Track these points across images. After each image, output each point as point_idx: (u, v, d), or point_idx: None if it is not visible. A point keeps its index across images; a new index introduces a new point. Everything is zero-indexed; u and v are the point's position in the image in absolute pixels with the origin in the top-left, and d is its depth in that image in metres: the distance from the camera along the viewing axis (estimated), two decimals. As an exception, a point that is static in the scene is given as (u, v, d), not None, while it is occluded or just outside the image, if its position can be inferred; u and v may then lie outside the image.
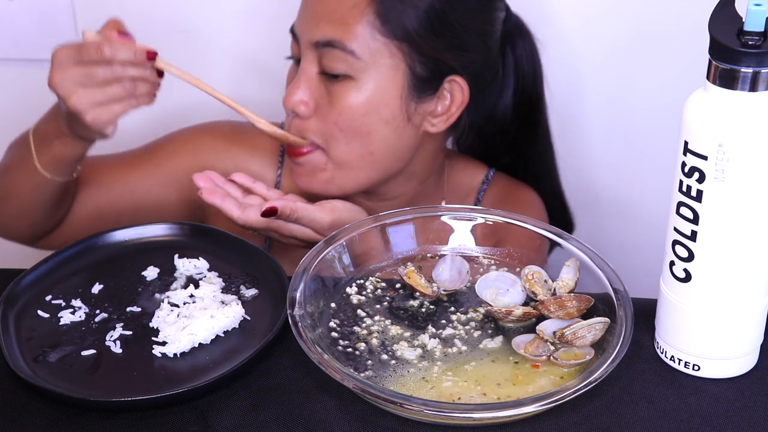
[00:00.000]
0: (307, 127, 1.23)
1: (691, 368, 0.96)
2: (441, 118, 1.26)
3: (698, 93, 0.89)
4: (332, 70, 1.20)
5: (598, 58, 1.52)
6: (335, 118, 1.21)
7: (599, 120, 1.57)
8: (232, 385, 0.95)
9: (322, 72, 1.21)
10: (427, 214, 1.11)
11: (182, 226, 1.14)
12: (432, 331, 1.00)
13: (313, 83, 1.21)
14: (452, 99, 1.25)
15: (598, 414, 0.92)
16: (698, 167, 0.89)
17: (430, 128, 1.26)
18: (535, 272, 1.04)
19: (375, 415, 0.91)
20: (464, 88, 1.25)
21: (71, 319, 1.01)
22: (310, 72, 1.21)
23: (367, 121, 1.21)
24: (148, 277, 1.08)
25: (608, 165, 1.59)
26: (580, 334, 0.96)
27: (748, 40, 0.85)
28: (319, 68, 1.21)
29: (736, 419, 0.92)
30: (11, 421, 0.91)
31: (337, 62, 1.19)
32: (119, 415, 0.92)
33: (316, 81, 1.21)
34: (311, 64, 1.21)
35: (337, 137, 1.22)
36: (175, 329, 0.98)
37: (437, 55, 1.22)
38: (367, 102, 1.21)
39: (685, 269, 0.93)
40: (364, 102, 1.21)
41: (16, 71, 1.59)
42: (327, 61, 1.20)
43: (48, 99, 1.64)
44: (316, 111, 1.22)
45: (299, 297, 0.98)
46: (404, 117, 1.23)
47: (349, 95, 1.20)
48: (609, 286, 1.00)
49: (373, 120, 1.22)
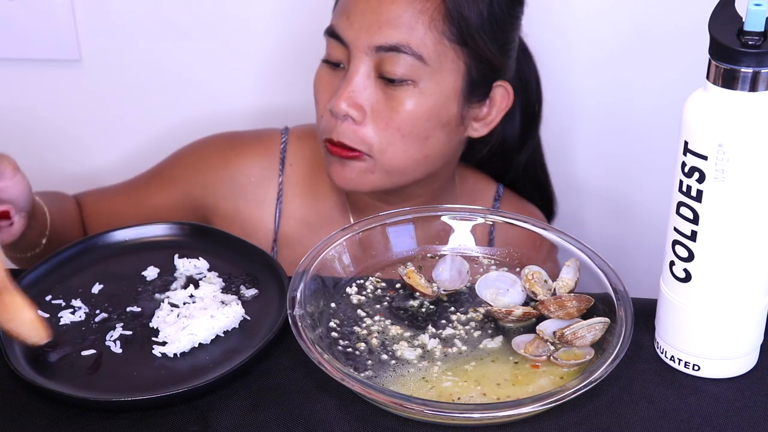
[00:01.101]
0: (362, 132, 1.20)
1: (691, 368, 0.96)
2: (483, 122, 1.27)
3: (698, 93, 0.89)
4: (395, 75, 1.18)
5: (598, 58, 1.52)
6: (398, 123, 1.20)
7: (599, 120, 1.57)
8: (232, 385, 0.95)
9: (380, 76, 1.19)
10: (427, 214, 1.11)
11: (182, 226, 1.14)
12: (432, 331, 1.00)
13: (367, 87, 1.19)
14: (494, 104, 1.26)
15: (598, 414, 0.92)
16: (698, 167, 0.89)
17: (473, 133, 1.27)
18: (535, 272, 1.04)
19: (375, 415, 0.91)
20: (510, 93, 1.27)
21: (71, 319, 1.01)
22: (364, 75, 1.19)
23: (429, 126, 1.21)
24: (148, 277, 1.08)
25: (608, 165, 1.59)
26: (580, 334, 0.96)
27: (748, 40, 0.85)
28: (376, 72, 1.19)
29: (736, 419, 0.92)
30: (11, 421, 0.91)
31: (400, 67, 1.18)
32: (119, 415, 0.92)
33: (371, 85, 1.19)
34: (365, 66, 1.19)
35: (396, 143, 1.21)
36: (175, 329, 0.98)
37: (492, 60, 1.23)
38: (431, 107, 1.20)
39: (685, 269, 0.93)
40: (428, 107, 1.20)
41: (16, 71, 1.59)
42: (389, 65, 1.18)
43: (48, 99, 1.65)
44: (371, 116, 1.20)
45: (299, 297, 0.98)
46: (458, 121, 1.24)
47: (413, 100, 1.19)
48: (609, 286, 1.00)
49: (434, 124, 1.21)
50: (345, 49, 1.20)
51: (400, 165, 1.22)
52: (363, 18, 1.19)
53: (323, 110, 1.23)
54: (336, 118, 1.20)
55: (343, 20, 1.20)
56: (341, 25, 1.21)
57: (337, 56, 1.22)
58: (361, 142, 1.20)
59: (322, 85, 1.24)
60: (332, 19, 1.23)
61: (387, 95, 1.19)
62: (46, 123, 1.62)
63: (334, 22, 1.22)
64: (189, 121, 1.60)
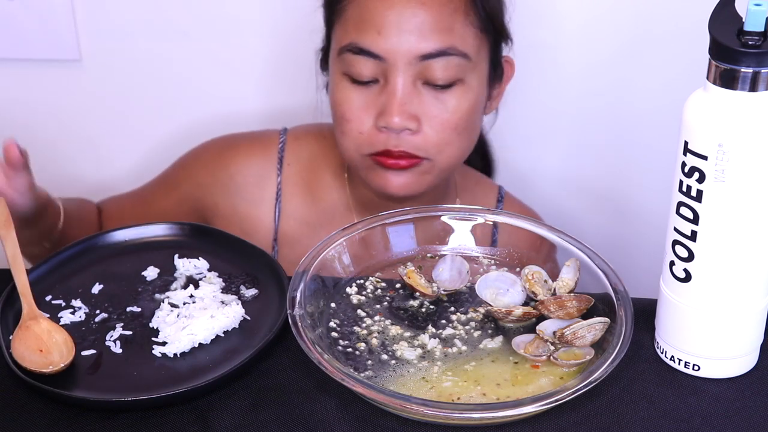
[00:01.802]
0: (419, 139, 1.20)
1: (691, 368, 0.96)
2: (495, 99, 1.31)
3: (698, 93, 0.89)
4: (445, 79, 1.19)
5: (598, 58, 1.52)
6: (454, 123, 1.21)
7: (599, 120, 1.57)
8: (232, 385, 0.95)
9: (425, 82, 1.19)
10: (427, 214, 1.11)
11: (182, 226, 1.14)
12: (432, 331, 1.00)
13: (415, 95, 1.19)
14: (505, 78, 1.30)
15: (598, 414, 0.92)
16: (698, 167, 0.89)
17: (488, 111, 1.31)
18: (535, 272, 1.04)
19: (375, 415, 0.91)
20: (513, 63, 1.30)
21: (71, 319, 1.01)
22: (410, 85, 1.19)
23: (476, 118, 1.25)
24: (148, 277, 1.08)
25: (608, 165, 1.59)
26: (580, 334, 0.96)
27: (748, 40, 0.85)
28: (421, 79, 1.19)
29: (736, 419, 0.92)
30: (11, 421, 0.91)
31: (449, 69, 1.19)
32: (119, 415, 0.92)
33: (418, 92, 1.19)
34: (410, 77, 1.18)
35: (453, 141, 1.22)
36: (175, 329, 0.98)
37: (504, 39, 1.27)
38: (476, 99, 1.23)
39: (685, 269, 0.93)
40: (474, 100, 1.23)
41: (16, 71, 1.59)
42: (437, 70, 1.18)
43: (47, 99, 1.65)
44: (425, 122, 1.20)
45: (299, 297, 0.98)
46: (486, 103, 1.28)
47: (464, 98, 1.21)
48: (609, 286, 1.00)
49: (478, 114, 1.25)
50: (379, 63, 1.18)
51: (454, 161, 1.25)
52: (399, 29, 1.17)
53: (359, 128, 1.21)
54: (387, 132, 1.20)
55: (373, 35, 1.18)
56: (371, 40, 1.18)
57: (368, 73, 1.19)
58: (421, 149, 1.21)
59: (352, 103, 1.21)
60: (351, 36, 1.19)
61: (438, 99, 1.20)
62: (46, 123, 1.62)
63: (358, 39, 1.19)
64: (189, 121, 1.60)
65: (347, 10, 1.20)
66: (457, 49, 1.18)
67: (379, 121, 1.19)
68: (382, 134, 1.20)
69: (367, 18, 1.18)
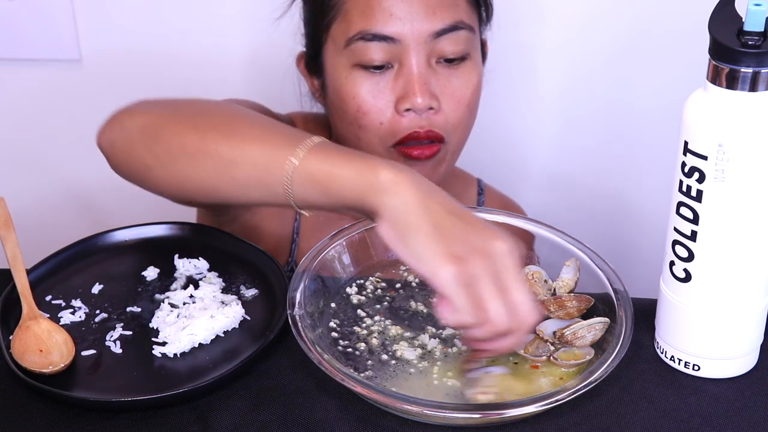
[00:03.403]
0: (441, 118, 1.20)
1: (691, 368, 0.96)
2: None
3: (698, 93, 0.89)
4: (456, 54, 1.19)
5: (598, 58, 1.52)
6: (468, 99, 1.21)
7: (599, 120, 1.57)
8: (232, 385, 0.95)
9: (437, 60, 1.19)
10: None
11: (182, 226, 1.14)
12: (432, 331, 1.00)
13: (431, 74, 1.19)
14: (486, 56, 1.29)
15: (598, 414, 0.92)
16: (698, 167, 0.89)
17: None
18: (535, 272, 1.04)
19: (375, 415, 0.91)
20: (487, 44, 1.29)
21: (71, 319, 1.01)
22: (426, 65, 1.19)
23: (480, 94, 1.24)
24: (148, 277, 1.08)
25: (608, 165, 1.60)
26: (580, 334, 0.96)
27: (748, 40, 0.85)
28: (435, 57, 1.19)
29: (736, 419, 0.92)
30: (11, 421, 0.91)
31: (459, 44, 1.19)
32: (119, 415, 0.92)
33: (432, 71, 1.19)
34: (423, 56, 1.18)
35: (465, 119, 1.22)
36: (175, 329, 0.98)
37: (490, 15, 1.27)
38: (480, 75, 1.23)
39: (685, 269, 0.93)
40: (480, 75, 1.23)
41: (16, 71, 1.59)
42: (448, 45, 1.18)
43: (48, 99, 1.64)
44: (443, 100, 1.20)
45: (299, 297, 0.98)
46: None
47: (473, 72, 1.21)
48: (609, 286, 1.00)
49: (481, 92, 1.24)
50: (393, 47, 1.18)
51: (462, 142, 1.24)
52: (411, 9, 1.17)
53: (380, 118, 1.19)
54: (409, 116, 1.18)
55: (385, 19, 1.17)
56: (383, 23, 1.17)
57: (382, 57, 1.18)
58: (442, 128, 1.20)
59: (367, 93, 1.19)
60: (359, 26, 1.18)
61: (452, 75, 1.20)
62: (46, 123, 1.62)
63: (368, 25, 1.18)
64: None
65: (346, 3, 1.20)
66: (464, 23, 1.19)
67: (401, 104, 1.18)
68: (405, 119, 1.19)
69: (374, 4, 1.18)
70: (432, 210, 0.88)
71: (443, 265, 0.85)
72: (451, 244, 0.86)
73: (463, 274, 0.85)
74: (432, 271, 0.86)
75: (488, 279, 0.85)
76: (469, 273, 0.85)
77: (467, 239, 0.86)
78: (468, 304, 0.85)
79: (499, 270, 0.85)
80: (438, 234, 0.86)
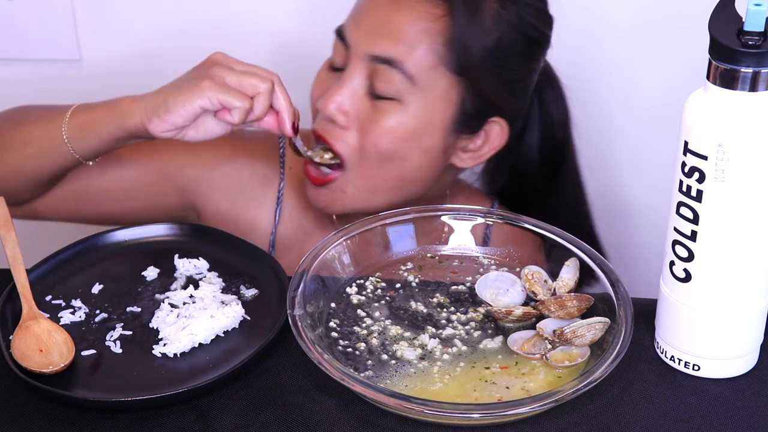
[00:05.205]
0: (344, 137, 1.18)
1: (691, 368, 0.96)
2: (472, 155, 1.24)
3: (698, 93, 0.89)
4: (382, 91, 1.16)
5: (598, 57, 1.52)
6: (376, 138, 1.17)
7: (599, 120, 1.57)
8: (232, 385, 0.95)
9: (370, 87, 1.17)
10: (427, 214, 1.11)
11: (182, 226, 1.14)
12: (432, 331, 1.00)
13: (357, 94, 1.17)
14: (487, 139, 1.23)
15: (598, 414, 0.92)
16: (698, 167, 0.89)
17: (458, 162, 1.24)
18: (535, 272, 1.04)
19: (375, 415, 0.91)
20: (504, 131, 1.23)
21: (71, 319, 1.01)
22: (357, 82, 1.17)
23: (407, 148, 1.18)
24: (148, 277, 1.08)
25: (608, 165, 1.59)
26: (580, 333, 0.96)
27: (748, 40, 0.85)
28: (368, 82, 1.17)
29: (736, 419, 0.92)
30: (11, 421, 0.91)
31: (389, 82, 1.16)
32: (119, 415, 0.92)
33: (361, 92, 1.17)
34: (359, 74, 1.17)
35: (372, 158, 1.18)
36: (175, 329, 0.98)
37: (490, 96, 1.20)
38: (413, 129, 1.17)
39: (685, 269, 0.93)
40: (410, 129, 1.17)
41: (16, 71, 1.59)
42: (379, 78, 1.16)
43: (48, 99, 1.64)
44: (355, 124, 1.18)
45: (299, 297, 0.98)
46: (442, 149, 1.21)
47: (396, 118, 1.17)
48: (609, 286, 1.00)
49: (413, 147, 1.18)
50: (347, 52, 1.19)
51: (371, 183, 1.20)
52: (369, 24, 1.17)
53: (313, 105, 1.23)
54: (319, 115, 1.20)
55: (352, 23, 1.19)
56: (349, 27, 1.19)
57: (339, 58, 1.20)
58: (340, 141, 1.18)
59: (319, 83, 1.23)
60: (345, 20, 1.21)
61: (373, 107, 1.17)
62: (46, 123, 1.62)
63: (344, 24, 1.21)
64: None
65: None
66: (402, 66, 1.15)
67: (318, 101, 1.20)
68: (318, 116, 1.21)
69: (359, 6, 1.21)
70: (165, 87, 1.11)
71: (199, 84, 1.07)
72: (191, 79, 1.09)
73: (216, 81, 1.07)
74: (197, 94, 1.06)
75: (229, 72, 1.08)
76: (216, 79, 1.07)
77: (196, 72, 1.10)
78: (234, 95, 1.06)
79: (229, 64, 1.09)
80: (178, 81, 1.11)
